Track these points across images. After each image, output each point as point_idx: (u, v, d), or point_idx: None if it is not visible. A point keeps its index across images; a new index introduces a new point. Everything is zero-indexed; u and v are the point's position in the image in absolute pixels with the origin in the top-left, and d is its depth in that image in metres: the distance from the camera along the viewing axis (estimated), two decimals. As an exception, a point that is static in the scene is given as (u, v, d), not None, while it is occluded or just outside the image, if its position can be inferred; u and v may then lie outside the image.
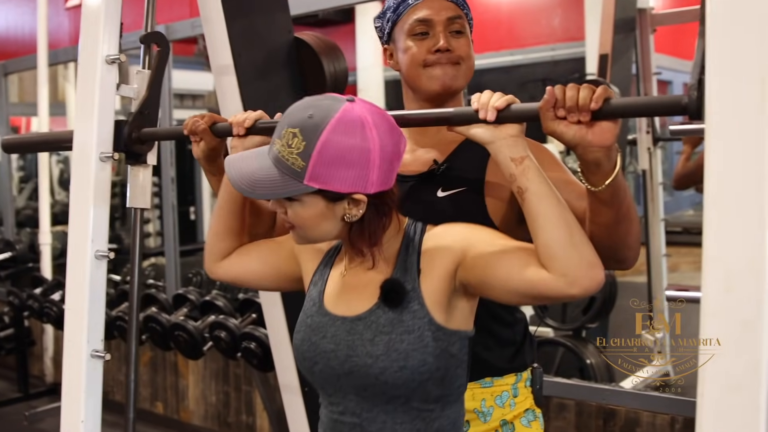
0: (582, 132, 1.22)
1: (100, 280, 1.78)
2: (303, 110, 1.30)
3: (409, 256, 1.39)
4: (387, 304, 1.35)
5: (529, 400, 1.69)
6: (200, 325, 3.86)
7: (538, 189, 1.25)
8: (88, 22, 1.81)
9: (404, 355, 1.31)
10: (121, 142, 1.83)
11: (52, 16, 5.58)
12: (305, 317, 1.47)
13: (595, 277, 1.21)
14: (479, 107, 1.29)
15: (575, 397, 3.17)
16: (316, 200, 1.32)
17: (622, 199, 1.32)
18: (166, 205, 4.71)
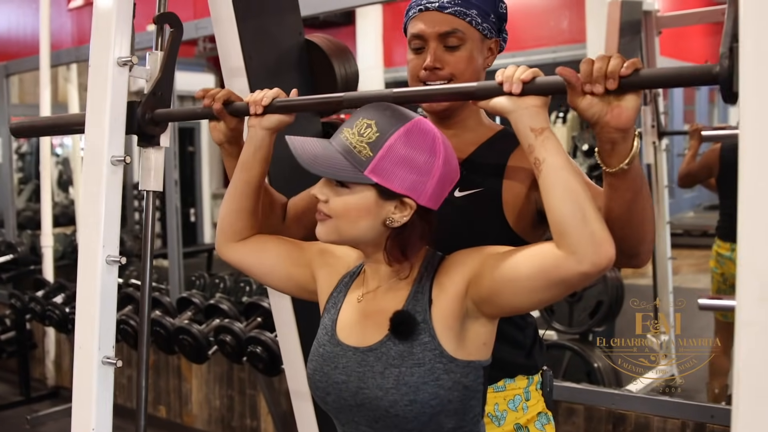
0: (602, 112, 1.23)
1: (111, 285, 1.75)
2: (381, 107, 1.35)
3: (422, 285, 1.37)
4: (397, 336, 1.34)
5: (541, 403, 1.70)
6: (205, 329, 3.84)
7: (556, 161, 1.23)
8: (99, 24, 1.78)
9: (414, 388, 1.30)
10: (134, 123, 1.80)
11: (55, 17, 5.56)
12: (318, 346, 1.46)
13: (606, 254, 1.17)
14: (504, 80, 1.28)
15: (584, 401, 3.16)
16: (368, 193, 1.32)
17: (638, 185, 1.32)
18: (169, 208, 4.68)
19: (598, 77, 1.21)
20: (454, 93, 1.43)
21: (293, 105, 1.56)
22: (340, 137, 1.34)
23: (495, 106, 1.31)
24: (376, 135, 1.30)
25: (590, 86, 1.22)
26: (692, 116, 13.34)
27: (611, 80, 1.20)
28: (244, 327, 3.70)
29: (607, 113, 1.23)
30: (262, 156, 1.58)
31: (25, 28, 6.72)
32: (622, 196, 1.32)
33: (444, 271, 1.36)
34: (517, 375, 1.66)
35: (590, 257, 1.17)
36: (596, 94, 1.22)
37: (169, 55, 1.83)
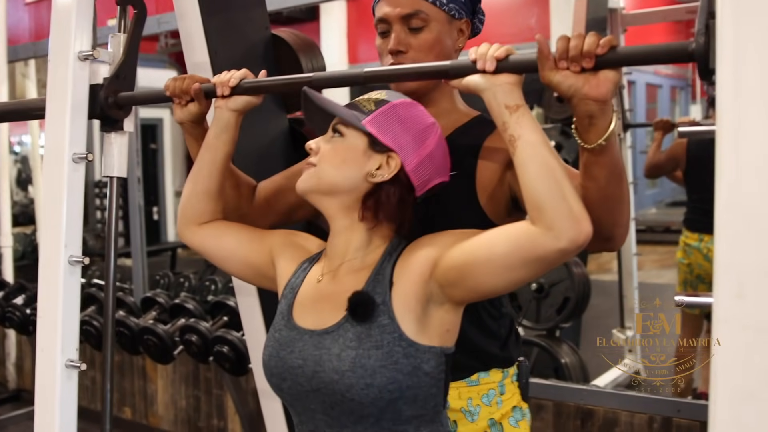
0: (579, 83, 1.21)
1: (74, 286, 1.70)
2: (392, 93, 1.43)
3: (383, 267, 1.34)
4: (354, 318, 1.30)
5: (516, 396, 1.66)
6: (170, 329, 3.78)
7: (531, 137, 1.22)
8: (58, 17, 1.73)
9: (371, 371, 1.26)
10: (96, 107, 1.75)
11: (11, 12, 5.44)
12: (274, 332, 1.42)
13: (583, 229, 1.16)
14: (477, 57, 1.27)
15: (553, 397, 3.17)
16: (360, 140, 1.36)
17: (615, 163, 1.30)
18: (132, 206, 4.61)
19: (575, 56, 1.19)
20: (427, 72, 1.41)
21: (261, 86, 1.53)
22: (353, 102, 1.41)
23: (468, 84, 1.29)
24: (383, 96, 1.39)
25: (566, 63, 1.21)
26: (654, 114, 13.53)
27: (587, 59, 1.19)
28: (210, 326, 3.65)
29: (585, 84, 1.20)
30: (228, 137, 1.56)
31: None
32: (599, 174, 1.30)
33: (407, 254, 1.34)
34: (491, 368, 1.63)
35: (568, 233, 1.15)
36: (571, 71, 1.21)
37: (132, 36, 1.79)
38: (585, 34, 1.19)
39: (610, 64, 1.19)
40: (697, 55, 1.12)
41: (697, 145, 3.99)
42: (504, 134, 1.25)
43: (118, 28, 1.80)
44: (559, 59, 1.21)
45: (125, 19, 1.81)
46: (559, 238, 1.15)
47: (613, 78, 1.20)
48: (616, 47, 1.18)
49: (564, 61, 1.21)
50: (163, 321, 3.91)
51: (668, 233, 9.58)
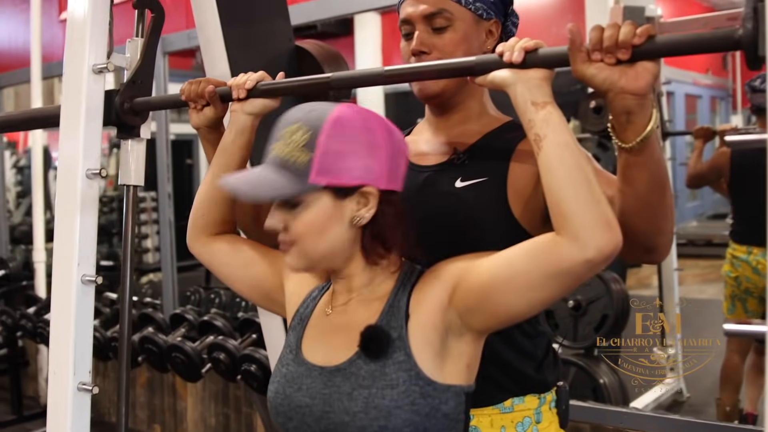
0: (614, 76, 1.10)
1: (87, 306, 1.64)
2: (302, 109, 1.24)
3: (398, 299, 1.25)
4: (367, 354, 1.21)
5: (554, 425, 1.54)
6: (198, 346, 3.73)
7: (558, 137, 1.12)
8: (73, 29, 1.69)
9: (385, 413, 1.16)
10: (112, 113, 1.70)
11: (46, 29, 5.47)
12: (280, 366, 1.33)
13: (612, 239, 1.07)
14: (504, 49, 1.18)
15: (591, 420, 3.05)
16: (323, 199, 1.21)
17: (656, 164, 1.19)
18: (163, 222, 4.59)
19: (610, 46, 1.10)
20: (451, 68, 1.31)
21: (278, 88, 1.48)
22: (272, 155, 1.23)
23: (494, 78, 1.20)
24: (308, 134, 1.19)
25: (599, 54, 1.11)
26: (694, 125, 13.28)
27: (623, 50, 1.09)
28: (238, 344, 3.60)
29: (621, 77, 1.10)
30: (243, 142, 1.49)
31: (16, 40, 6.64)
32: (639, 177, 1.20)
33: (424, 282, 1.25)
34: (527, 393, 1.51)
35: (595, 242, 1.06)
36: (606, 63, 1.11)
37: (149, 41, 1.74)
38: (620, 24, 1.10)
39: (648, 55, 1.09)
40: (745, 42, 1.02)
41: (741, 154, 3.85)
42: (529, 132, 1.16)
43: (135, 33, 1.76)
44: (593, 50, 1.11)
45: (143, 24, 1.77)
46: (585, 248, 1.06)
47: (652, 69, 1.10)
48: (654, 36, 1.08)
49: (598, 53, 1.11)
50: (192, 338, 3.87)
51: (710, 246, 9.37)
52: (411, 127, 1.65)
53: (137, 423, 4.79)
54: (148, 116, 1.76)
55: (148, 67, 1.74)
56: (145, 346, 3.88)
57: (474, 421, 1.44)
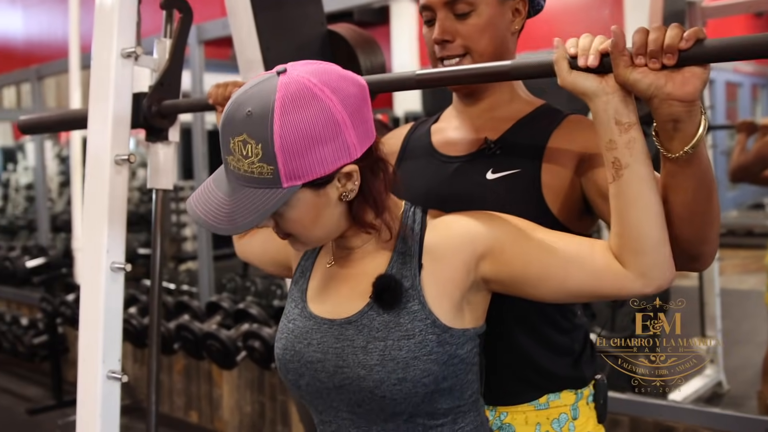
0: (660, 81, 1.02)
1: (116, 294, 1.63)
2: (238, 111, 1.09)
3: (408, 248, 1.20)
4: (381, 304, 1.16)
5: (591, 420, 1.47)
6: (233, 334, 3.74)
7: (641, 170, 1.07)
8: (101, 13, 1.68)
9: (403, 364, 1.12)
10: (140, 116, 1.68)
11: (85, 18, 5.51)
12: (286, 321, 1.28)
13: (671, 277, 1.09)
14: (579, 53, 1.08)
15: (629, 412, 2.99)
16: (303, 196, 1.12)
17: (703, 173, 1.11)
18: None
19: (654, 50, 1.02)
20: (484, 73, 1.25)
21: None
22: (231, 169, 1.11)
23: (576, 85, 1.09)
24: (259, 147, 1.07)
25: (643, 59, 1.03)
26: (735, 113, 13.05)
27: (669, 55, 1.01)
28: (273, 332, 3.60)
29: (667, 82, 1.02)
30: None
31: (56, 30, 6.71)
32: (685, 186, 1.12)
33: (439, 234, 1.20)
34: (563, 389, 1.44)
35: (658, 281, 1.08)
36: (651, 69, 1.03)
37: (177, 42, 1.72)
38: (666, 27, 1.03)
39: (696, 60, 1.01)
40: None
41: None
42: (606, 153, 1.10)
43: (164, 33, 1.74)
44: (636, 54, 1.04)
45: (171, 24, 1.74)
46: (648, 285, 1.09)
47: (700, 74, 1.02)
48: (703, 40, 1.01)
49: (642, 57, 1.03)
50: (227, 326, 3.88)
51: (750, 237, 9.22)
52: (438, 113, 1.59)
53: (174, 409, 4.83)
54: (177, 119, 1.74)
55: (176, 68, 1.72)
56: (180, 334, 3.91)
57: (508, 419, 1.40)
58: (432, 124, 1.56)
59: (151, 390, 1.71)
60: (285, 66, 1.12)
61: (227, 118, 1.10)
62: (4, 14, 8.07)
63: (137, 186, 8.08)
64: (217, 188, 1.14)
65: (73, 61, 5.27)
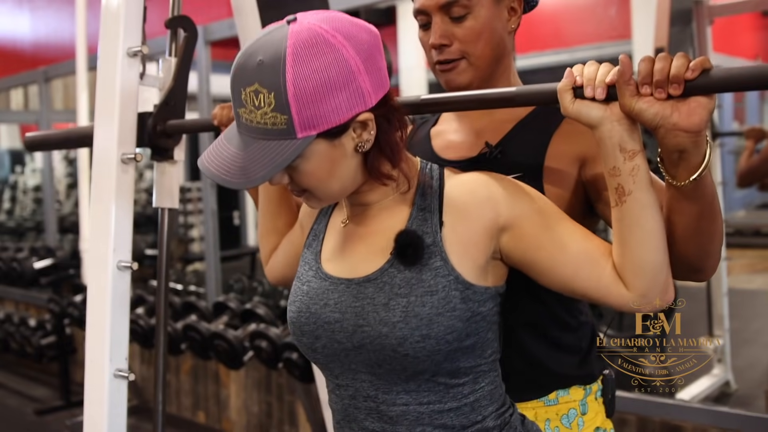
0: (666, 111, 1.02)
1: (122, 293, 1.63)
2: (248, 61, 1.07)
3: (427, 203, 1.19)
4: (403, 260, 1.14)
5: (600, 415, 1.47)
6: (240, 334, 3.74)
7: (645, 197, 1.08)
8: (107, 12, 1.68)
9: (426, 321, 1.10)
10: (145, 136, 1.68)
11: (92, 20, 5.53)
12: (300, 284, 1.26)
13: (669, 299, 1.12)
14: (585, 83, 1.08)
15: (636, 411, 2.98)
16: (318, 147, 1.09)
17: (708, 195, 1.11)
18: (206, 210, 4.61)
19: (660, 80, 1.02)
20: (489, 99, 1.24)
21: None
22: (243, 122, 1.09)
23: (580, 111, 1.08)
24: (272, 96, 1.04)
25: (649, 88, 1.02)
26: (742, 113, 13.00)
27: (675, 84, 1.00)
28: (280, 332, 3.60)
29: (673, 113, 1.02)
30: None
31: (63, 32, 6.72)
32: (689, 211, 1.12)
33: (460, 191, 1.19)
34: (572, 386, 1.44)
35: (655, 302, 1.11)
36: (656, 98, 1.03)
37: (182, 61, 1.71)
38: (672, 56, 1.02)
39: (702, 91, 1.01)
40: None
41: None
42: (609, 178, 1.10)
43: (168, 52, 1.74)
44: (642, 84, 1.03)
45: (176, 43, 1.74)
46: (646, 305, 1.11)
47: (707, 104, 1.01)
48: (709, 70, 1.00)
49: (647, 86, 1.02)
50: (234, 326, 3.88)
51: (758, 237, 9.21)
52: (436, 116, 1.58)
53: (182, 410, 4.84)
54: (182, 138, 1.74)
55: (181, 87, 1.71)
56: (188, 334, 3.91)
57: None
58: (432, 126, 1.55)
59: (158, 390, 1.71)
60: (295, 15, 1.11)
61: (238, 69, 1.08)
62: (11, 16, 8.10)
63: (144, 188, 8.10)
64: (229, 143, 1.12)
65: (80, 63, 5.28)
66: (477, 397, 1.19)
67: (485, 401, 1.20)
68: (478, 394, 1.19)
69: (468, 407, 1.18)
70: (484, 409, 1.20)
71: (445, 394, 1.17)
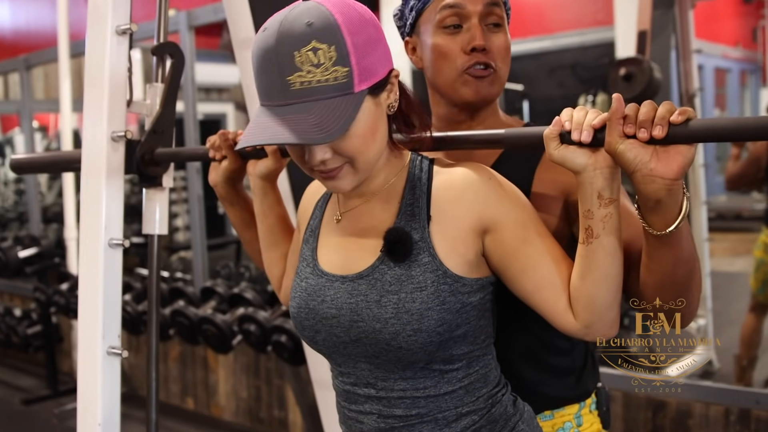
0: (646, 156, 1.01)
1: (115, 270, 1.64)
2: (292, 29, 1.07)
3: (415, 198, 1.21)
4: (392, 257, 1.17)
5: (595, 425, 1.47)
6: (229, 319, 3.74)
7: (611, 245, 1.11)
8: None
9: (417, 316, 1.14)
10: (133, 163, 1.69)
11: (74, 7, 5.49)
12: (300, 281, 1.30)
13: (611, 335, 1.18)
14: (573, 127, 1.08)
15: (622, 387, 3.02)
16: (367, 105, 1.12)
17: (685, 244, 1.09)
18: (192, 197, 4.60)
19: (645, 121, 1.01)
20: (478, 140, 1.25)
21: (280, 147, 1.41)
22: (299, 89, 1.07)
23: (565, 157, 1.09)
24: (332, 49, 1.06)
25: (632, 128, 1.02)
26: (723, 99, 13.08)
27: (659, 126, 1.00)
28: (268, 316, 3.60)
29: (652, 158, 1.01)
30: (270, 203, 1.48)
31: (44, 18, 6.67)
32: (665, 260, 1.10)
33: (448, 187, 1.20)
34: (567, 405, 1.45)
35: (599, 334, 1.17)
36: (639, 139, 1.02)
37: (169, 87, 1.71)
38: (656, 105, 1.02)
39: (685, 139, 1.00)
40: None
41: (781, 140, 3.78)
42: (582, 219, 1.12)
43: (155, 78, 1.74)
44: (627, 123, 1.03)
45: (162, 69, 1.74)
46: (588, 336, 1.17)
47: (686, 153, 1.00)
48: (692, 119, 1.00)
49: (632, 125, 1.02)
50: (222, 311, 3.89)
51: (739, 221, 9.30)
52: None
53: (170, 396, 4.84)
54: (170, 166, 1.74)
55: (168, 115, 1.71)
56: (176, 319, 3.91)
57: None
58: None
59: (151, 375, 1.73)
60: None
61: (283, 36, 1.06)
62: (-9, 5, 8.04)
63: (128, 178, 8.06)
64: (278, 116, 1.08)
65: (62, 50, 5.23)
66: (471, 380, 1.24)
67: (479, 384, 1.25)
68: (472, 377, 1.24)
69: (462, 390, 1.23)
70: (478, 391, 1.24)
71: (440, 380, 1.21)
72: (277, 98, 1.08)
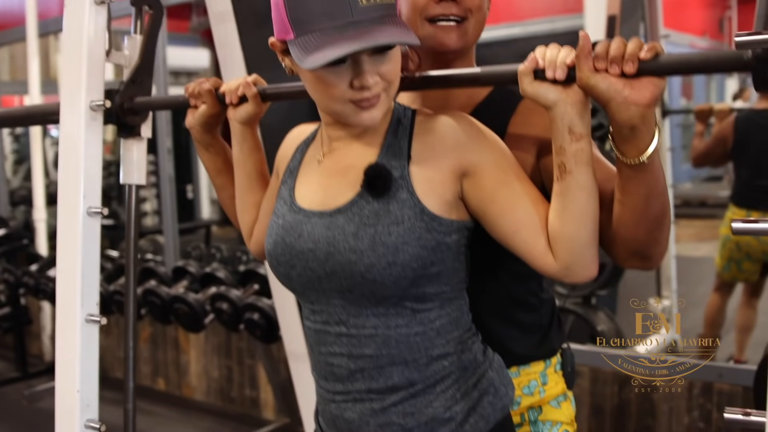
0: (619, 85, 1.06)
1: (93, 238, 1.65)
2: None
3: (397, 140, 1.25)
4: (371, 192, 1.21)
5: (560, 385, 1.50)
6: (201, 297, 3.76)
7: (584, 180, 1.14)
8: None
9: (393, 249, 1.17)
10: (112, 113, 1.71)
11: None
12: (276, 218, 1.33)
13: (591, 275, 1.19)
14: (547, 65, 1.11)
15: (589, 363, 3.09)
16: None
17: (656, 175, 1.14)
18: (163, 178, 4.59)
19: (616, 56, 1.06)
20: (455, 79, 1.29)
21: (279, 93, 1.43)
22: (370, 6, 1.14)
23: (538, 93, 1.13)
24: None
25: (604, 63, 1.07)
26: (690, 88, 13.24)
27: (630, 62, 1.05)
28: (241, 294, 3.62)
29: (625, 87, 1.05)
30: (249, 148, 1.50)
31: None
32: (638, 191, 1.14)
33: (430, 129, 1.25)
34: (532, 362, 1.48)
35: (578, 276, 1.18)
36: (610, 74, 1.07)
37: (148, 39, 1.73)
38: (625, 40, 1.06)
39: (653, 73, 1.05)
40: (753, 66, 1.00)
41: (745, 120, 3.88)
42: (555, 156, 1.16)
43: (133, 29, 1.75)
44: (598, 59, 1.07)
45: (141, 20, 1.76)
46: (568, 277, 1.19)
47: (658, 82, 1.06)
48: (660, 55, 1.05)
49: (603, 61, 1.07)
50: (195, 290, 3.90)
51: (704, 207, 9.46)
52: None
53: (141, 377, 4.84)
54: (149, 116, 1.76)
55: (147, 65, 1.74)
56: (147, 299, 3.91)
57: None
58: None
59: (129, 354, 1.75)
60: None
61: None
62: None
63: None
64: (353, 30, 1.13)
65: (30, 29, 5.18)
66: (443, 322, 1.26)
67: (450, 326, 1.27)
68: (444, 319, 1.26)
69: (434, 332, 1.25)
70: (449, 333, 1.27)
71: (412, 318, 1.23)
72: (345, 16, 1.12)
